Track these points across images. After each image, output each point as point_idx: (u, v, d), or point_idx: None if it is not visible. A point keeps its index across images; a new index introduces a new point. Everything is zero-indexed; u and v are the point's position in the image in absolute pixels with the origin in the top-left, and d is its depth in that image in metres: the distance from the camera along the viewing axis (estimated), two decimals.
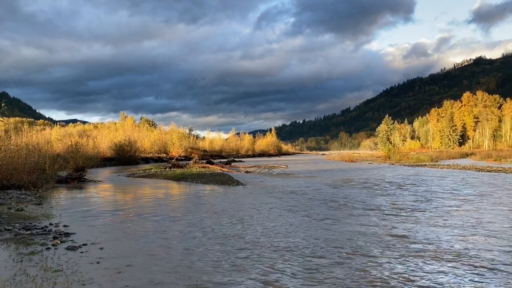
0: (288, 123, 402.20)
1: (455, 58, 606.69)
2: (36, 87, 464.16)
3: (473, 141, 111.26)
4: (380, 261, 6.38)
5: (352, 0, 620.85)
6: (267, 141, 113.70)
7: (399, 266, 6.14)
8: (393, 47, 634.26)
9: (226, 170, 29.36)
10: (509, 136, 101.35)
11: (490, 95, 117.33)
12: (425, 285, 5.36)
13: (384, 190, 16.82)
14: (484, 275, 5.72)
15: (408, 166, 37.98)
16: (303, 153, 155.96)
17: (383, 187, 18.08)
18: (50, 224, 9.14)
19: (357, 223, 9.51)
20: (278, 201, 13.43)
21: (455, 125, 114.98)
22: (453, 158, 58.65)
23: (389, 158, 50.50)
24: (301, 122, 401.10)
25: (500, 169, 28.86)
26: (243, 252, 6.90)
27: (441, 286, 5.30)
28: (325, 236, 8.11)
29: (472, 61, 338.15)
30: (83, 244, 7.24)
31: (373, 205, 12.32)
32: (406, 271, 5.90)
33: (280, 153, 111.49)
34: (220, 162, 45.13)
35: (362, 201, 13.38)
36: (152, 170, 29.41)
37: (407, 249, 7.13)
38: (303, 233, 8.40)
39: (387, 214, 10.70)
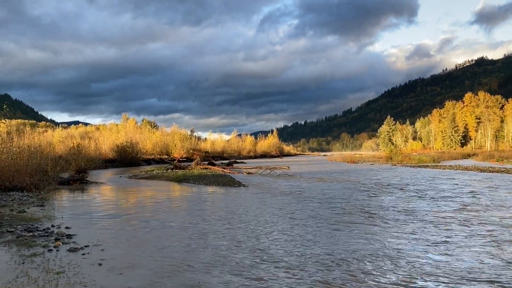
0: (289, 124, 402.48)
1: (457, 59, 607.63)
2: (39, 89, 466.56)
3: (475, 142, 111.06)
4: None
5: (355, 3, 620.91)
6: (269, 142, 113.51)
7: None
8: (395, 48, 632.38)
9: (228, 171, 29.36)
10: (511, 136, 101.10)
11: (492, 96, 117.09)
12: None
13: (395, 193, 16.76)
14: None
15: (410, 167, 37.91)
16: (305, 154, 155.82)
17: (393, 189, 18.01)
18: (52, 225, 9.15)
19: (381, 233, 8.27)
20: (282, 204, 13.36)
21: (457, 126, 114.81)
22: (455, 159, 58.51)
23: (391, 159, 50.41)
24: (302, 123, 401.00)
25: (503, 169, 28.78)
26: (246, 255, 6.88)
27: None
28: (345, 248, 7.09)
29: (474, 62, 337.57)
30: (85, 246, 7.24)
31: (392, 211, 11.11)
32: None
33: (282, 154, 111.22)
34: (222, 163, 45.12)
35: (375, 205, 12.62)
36: (154, 172, 29.43)
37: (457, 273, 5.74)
38: (318, 245, 7.34)
39: (412, 222, 9.44)
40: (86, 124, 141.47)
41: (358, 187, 18.55)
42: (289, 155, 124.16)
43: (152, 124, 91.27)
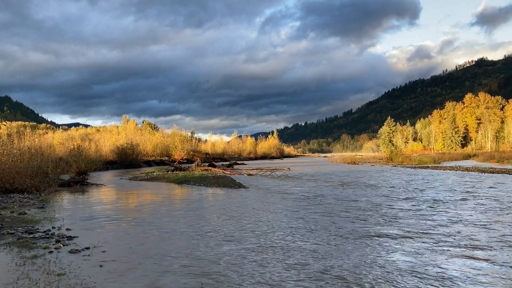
0: (290, 126, 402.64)
1: (458, 60, 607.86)
2: (41, 91, 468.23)
3: (475, 143, 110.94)
4: None
5: (357, 5, 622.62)
6: (269, 144, 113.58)
7: None
8: (397, 49, 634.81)
9: (228, 173, 29.36)
10: None
11: (492, 97, 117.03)
12: None
13: (400, 195, 16.72)
14: None
15: (411, 168, 37.89)
16: (305, 156, 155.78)
17: (403, 192, 17.95)
18: (53, 227, 9.15)
19: (413, 247, 7.11)
20: (284, 207, 13.32)
21: (457, 127, 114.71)
22: (455, 160, 58.47)
23: (391, 160, 50.40)
24: (303, 124, 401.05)
25: (503, 170, 28.76)
26: (251, 258, 6.87)
27: None
28: (371, 264, 6.12)
29: (474, 63, 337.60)
30: (86, 248, 7.23)
31: (415, 219, 10.12)
32: None
33: (282, 155, 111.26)
34: (222, 165, 45.15)
35: (381, 208, 12.33)
36: (155, 173, 29.44)
37: None
38: (336, 258, 6.45)
39: (452, 235, 8.06)
40: (86, 126, 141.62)
41: (362, 189, 18.52)
42: (289, 156, 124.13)
43: (153, 125, 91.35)
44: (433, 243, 7.54)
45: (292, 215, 10.94)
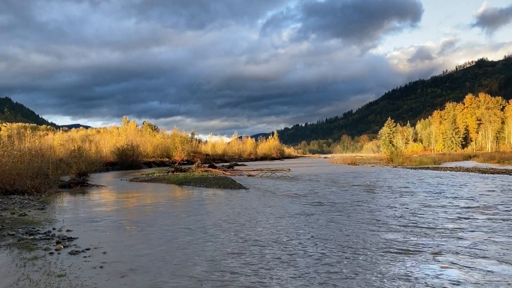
0: (290, 127, 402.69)
1: (459, 60, 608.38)
2: (42, 93, 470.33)
3: (475, 143, 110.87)
4: None
5: (359, 7, 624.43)
6: (270, 145, 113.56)
7: None
8: (398, 50, 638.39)
9: (229, 174, 29.35)
10: None
11: (493, 97, 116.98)
12: None
13: (405, 197, 16.68)
14: None
15: (411, 168, 37.88)
16: (305, 156, 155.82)
17: (403, 193, 17.95)
18: (53, 228, 9.15)
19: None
20: (287, 209, 13.33)
21: (458, 127, 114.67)
22: (456, 161, 58.40)
23: (392, 160, 50.38)
24: (303, 125, 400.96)
25: (504, 171, 28.74)
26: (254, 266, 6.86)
27: None
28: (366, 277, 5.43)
29: (474, 63, 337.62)
30: (86, 249, 7.23)
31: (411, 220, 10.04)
32: None
33: (282, 156, 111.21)
34: (223, 166, 45.14)
35: (404, 214, 11.44)
36: (155, 174, 29.45)
37: None
38: (354, 273, 5.60)
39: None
40: (87, 127, 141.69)
41: (370, 190, 18.47)
42: (289, 157, 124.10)
43: (153, 127, 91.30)
44: (488, 259, 6.39)
45: (302, 220, 10.77)
